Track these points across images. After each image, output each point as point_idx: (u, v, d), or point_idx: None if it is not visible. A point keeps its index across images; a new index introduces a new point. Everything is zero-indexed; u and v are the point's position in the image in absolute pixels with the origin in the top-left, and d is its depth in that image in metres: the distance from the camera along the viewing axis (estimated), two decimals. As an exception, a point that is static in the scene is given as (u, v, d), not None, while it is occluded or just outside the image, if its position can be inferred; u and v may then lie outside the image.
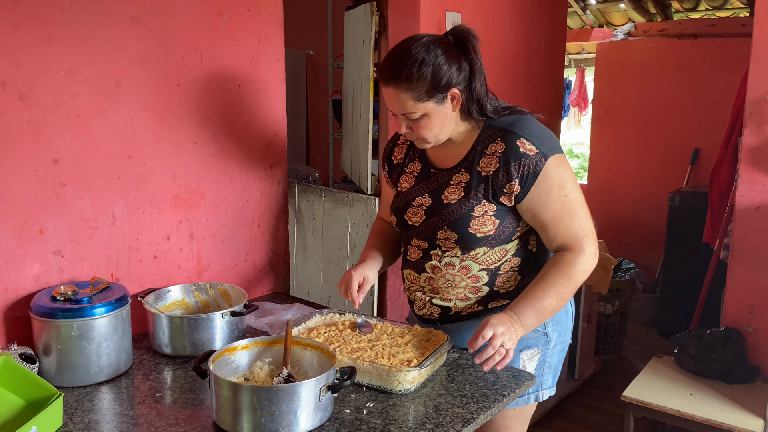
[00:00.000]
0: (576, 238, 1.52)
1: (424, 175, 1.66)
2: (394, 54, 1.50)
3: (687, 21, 5.04)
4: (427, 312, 1.69)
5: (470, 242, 1.56)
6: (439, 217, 1.59)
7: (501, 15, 3.27)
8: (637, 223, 5.20)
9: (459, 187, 1.57)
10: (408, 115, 1.52)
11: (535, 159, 1.49)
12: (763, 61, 2.50)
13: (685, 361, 2.67)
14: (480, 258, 1.59)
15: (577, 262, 1.51)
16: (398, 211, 1.69)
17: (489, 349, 1.42)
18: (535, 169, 1.49)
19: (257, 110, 2.11)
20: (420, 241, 1.66)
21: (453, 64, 1.48)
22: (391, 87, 1.50)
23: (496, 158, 1.52)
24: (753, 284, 2.61)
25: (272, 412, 1.22)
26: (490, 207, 1.54)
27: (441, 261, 1.62)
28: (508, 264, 1.61)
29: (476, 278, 1.60)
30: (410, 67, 1.45)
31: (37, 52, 1.56)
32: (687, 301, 3.89)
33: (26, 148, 1.57)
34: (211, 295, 1.89)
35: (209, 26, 1.92)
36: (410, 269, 1.70)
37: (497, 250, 1.59)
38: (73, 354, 1.50)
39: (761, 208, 2.56)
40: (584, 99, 6.94)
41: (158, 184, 1.86)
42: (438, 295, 1.65)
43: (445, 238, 1.59)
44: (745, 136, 2.57)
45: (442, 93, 1.49)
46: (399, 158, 1.74)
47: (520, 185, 1.50)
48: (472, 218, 1.54)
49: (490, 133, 1.55)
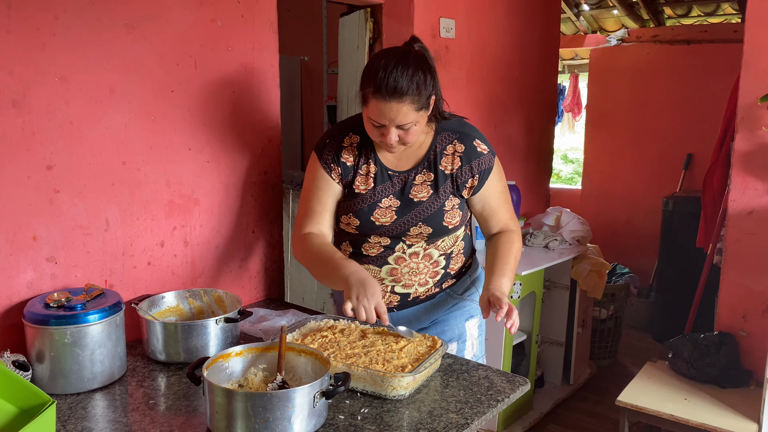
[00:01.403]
0: (512, 220, 1.83)
1: (382, 178, 1.73)
2: (393, 70, 1.52)
3: (679, 27, 5.08)
4: (386, 302, 1.81)
5: (441, 233, 1.75)
6: (412, 215, 1.72)
7: (495, 21, 3.29)
8: (632, 228, 5.22)
9: (425, 185, 1.72)
10: (404, 125, 1.59)
11: (488, 157, 1.74)
12: (754, 67, 2.52)
13: (679, 366, 2.67)
14: (440, 245, 1.78)
15: (517, 238, 1.80)
16: (361, 213, 1.73)
17: (514, 313, 1.56)
18: (489, 166, 1.74)
19: (251, 116, 2.11)
20: (382, 238, 1.76)
21: (433, 74, 1.62)
22: (394, 101, 1.54)
23: (458, 157, 1.72)
24: (746, 289, 2.62)
25: (266, 418, 1.22)
26: (456, 201, 1.74)
27: (406, 252, 1.76)
28: (458, 248, 1.83)
29: (436, 263, 1.80)
30: (416, 81, 1.55)
31: (30, 58, 1.56)
32: (681, 306, 3.90)
33: (20, 155, 1.57)
34: (206, 301, 1.88)
35: (203, 33, 1.92)
36: (368, 264, 1.78)
37: (451, 236, 1.79)
38: (66, 361, 1.49)
39: (753, 212, 2.58)
40: (578, 104, 6.96)
41: (152, 191, 1.86)
42: (400, 284, 1.79)
43: (418, 233, 1.73)
44: (737, 141, 2.59)
45: (428, 100, 1.62)
46: (351, 160, 1.75)
47: (478, 180, 1.73)
48: (444, 213, 1.72)
49: (445, 136, 1.74)
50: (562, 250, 3.31)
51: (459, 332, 1.85)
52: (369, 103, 1.58)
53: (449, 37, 3.00)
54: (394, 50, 1.61)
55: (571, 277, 3.40)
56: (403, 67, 1.55)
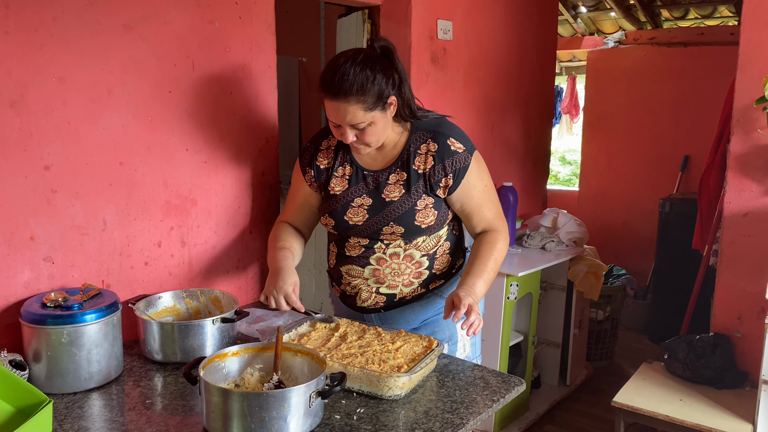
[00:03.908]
0: (495, 220, 1.79)
1: (358, 178, 1.77)
2: (339, 70, 1.59)
3: (676, 29, 5.09)
4: (373, 302, 1.83)
5: (415, 233, 1.74)
6: (383, 214, 1.73)
7: (492, 23, 3.30)
8: (628, 230, 5.23)
9: (398, 185, 1.73)
10: (356, 125, 1.62)
11: (464, 156, 1.71)
12: (749, 69, 2.53)
13: (675, 367, 2.68)
14: (421, 245, 1.78)
15: (501, 239, 1.77)
16: (335, 213, 1.77)
17: (472, 315, 1.56)
18: (464, 164, 1.71)
19: (249, 117, 2.12)
20: (360, 238, 1.78)
21: (389, 75, 1.63)
22: (340, 101, 1.59)
23: (431, 157, 1.71)
24: (742, 290, 2.63)
25: (262, 418, 1.23)
26: (429, 200, 1.73)
27: (386, 253, 1.77)
28: (442, 248, 1.83)
29: (419, 264, 1.79)
30: (361, 80, 1.58)
31: (28, 59, 1.57)
32: (677, 307, 3.91)
33: (17, 155, 1.58)
34: (202, 301, 1.89)
35: (201, 34, 1.93)
36: (351, 264, 1.81)
37: (433, 236, 1.79)
38: (63, 361, 1.50)
39: (749, 214, 2.59)
40: (575, 106, 6.98)
41: (150, 191, 1.87)
42: (384, 284, 1.80)
43: (391, 232, 1.74)
44: (733, 144, 2.60)
45: (384, 101, 1.63)
46: (326, 163, 1.81)
47: (453, 179, 1.71)
48: (416, 212, 1.72)
49: (420, 135, 1.74)
50: (558, 251, 3.32)
51: (449, 333, 1.84)
52: (324, 103, 1.64)
53: (447, 39, 3.00)
54: (348, 51, 1.65)
55: (568, 279, 3.40)
56: (349, 67, 1.58)
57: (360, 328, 1.70)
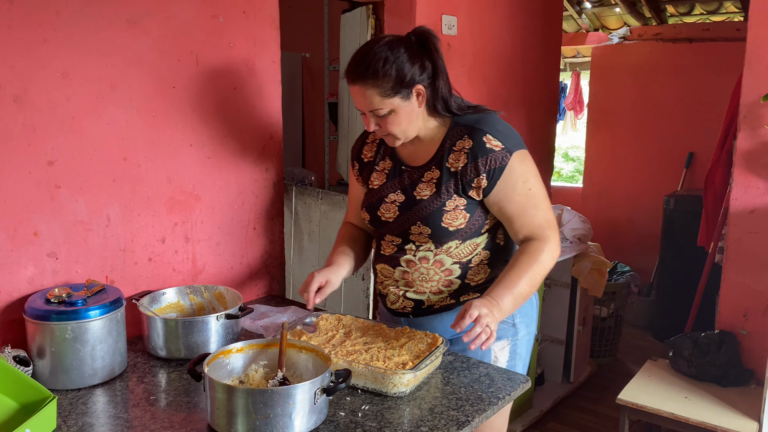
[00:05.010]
0: (540, 228, 1.60)
1: (395, 172, 1.71)
2: (360, 53, 1.57)
3: (682, 25, 5.07)
4: (401, 306, 1.73)
5: (443, 236, 1.62)
6: (412, 212, 1.64)
7: (497, 18, 3.28)
8: (632, 227, 5.21)
9: (431, 183, 1.63)
10: (375, 111, 1.58)
11: (501, 154, 1.57)
12: (756, 66, 2.51)
13: (679, 364, 2.67)
14: (453, 251, 1.64)
15: (545, 250, 1.58)
16: (371, 208, 1.73)
17: (477, 327, 1.45)
18: (501, 164, 1.56)
19: (253, 113, 2.11)
20: (393, 236, 1.70)
21: (416, 62, 1.55)
22: (358, 85, 1.56)
23: (464, 154, 1.58)
24: (747, 287, 2.62)
25: (267, 414, 1.22)
26: (461, 201, 1.61)
27: (416, 255, 1.67)
28: (479, 257, 1.67)
29: (449, 271, 1.66)
30: (375, 64, 1.53)
31: (32, 53, 1.56)
32: (682, 304, 3.90)
33: (21, 150, 1.57)
34: (206, 297, 1.88)
35: (205, 29, 1.92)
36: (384, 263, 1.74)
37: (468, 243, 1.65)
38: (67, 357, 1.49)
39: (755, 211, 2.57)
40: (580, 102, 6.96)
41: (153, 187, 1.86)
42: (412, 289, 1.70)
43: (419, 232, 1.64)
44: (740, 140, 2.59)
45: (407, 89, 1.55)
46: (369, 156, 1.78)
47: (487, 179, 1.57)
48: (444, 213, 1.60)
49: (457, 131, 1.62)
50: (562, 248, 3.30)
51: (480, 354, 1.66)
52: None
53: (451, 34, 2.99)
54: (374, 38, 1.61)
55: (572, 276, 3.40)
56: (369, 50, 1.54)
57: (365, 325, 1.70)
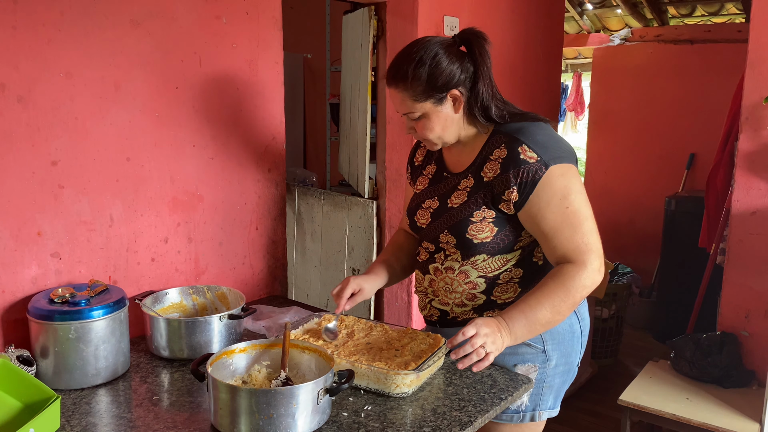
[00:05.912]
0: (577, 252, 1.45)
1: (437, 179, 1.67)
2: (397, 55, 1.54)
3: (683, 27, 5.07)
4: (428, 313, 1.70)
5: (468, 247, 1.55)
6: (441, 220, 1.59)
7: (498, 20, 3.29)
8: (634, 228, 5.21)
9: (464, 191, 1.56)
10: (409, 114, 1.55)
11: (535, 167, 1.45)
12: (758, 67, 2.51)
13: (681, 366, 2.67)
14: (479, 265, 1.56)
15: (577, 276, 1.43)
16: (410, 212, 1.72)
17: (467, 346, 1.38)
18: (534, 178, 1.45)
19: (255, 113, 2.11)
20: (428, 243, 1.65)
21: (453, 65, 1.49)
22: (391, 87, 1.54)
23: (498, 164, 1.50)
24: (749, 289, 2.62)
25: (270, 414, 1.22)
26: (489, 213, 1.52)
27: (443, 264, 1.61)
28: (508, 274, 1.57)
29: (473, 285, 1.58)
30: (407, 66, 1.49)
31: (36, 54, 1.56)
32: (683, 306, 3.90)
33: (25, 150, 1.57)
34: (209, 298, 1.89)
35: (208, 29, 1.92)
36: (418, 270, 1.71)
37: (497, 258, 1.55)
38: (70, 356, 1.50)
39: (757, 212, 2.57)
40: (581, 104, 6.96)
41: (156, 187, 1.87)
42: (437, 298, 1.65)
43: (446, 241, 1.58)
44: (741, 141, 2.59)
45: (440, 93, 1.50)
46: (420, 160, 1.76)
47: (518, 193, 1.47)
48: (470, 223, 1.53)
49: (497, 139, 1.53)
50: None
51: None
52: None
53: (453, 36, 2.99)
54: (417, 39, 1.55)
55: (574, 276, 3.39)
56: (403, 53, 1.52)
57: (367, 326, 1.70)
